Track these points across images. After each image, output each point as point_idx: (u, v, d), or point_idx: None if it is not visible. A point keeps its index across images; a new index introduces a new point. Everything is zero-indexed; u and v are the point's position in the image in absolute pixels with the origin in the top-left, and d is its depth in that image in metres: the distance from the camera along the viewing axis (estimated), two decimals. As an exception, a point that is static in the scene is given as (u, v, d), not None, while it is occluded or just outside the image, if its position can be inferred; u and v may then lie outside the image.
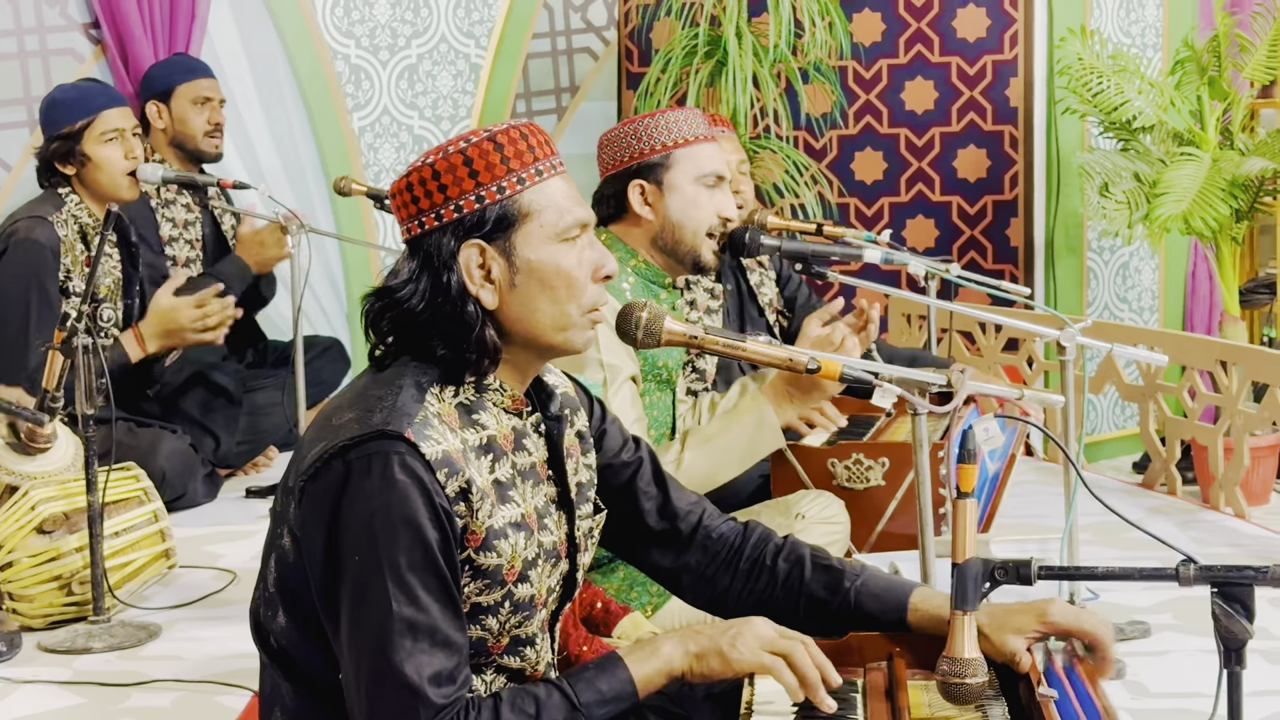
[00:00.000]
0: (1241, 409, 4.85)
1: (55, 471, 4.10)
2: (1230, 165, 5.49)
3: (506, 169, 2.14)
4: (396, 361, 2.17)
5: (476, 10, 6.43)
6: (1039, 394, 3.04)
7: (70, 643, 3.82)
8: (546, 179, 2.17)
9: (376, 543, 2.02)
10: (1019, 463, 5.59)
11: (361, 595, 2.03)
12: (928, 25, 6.17)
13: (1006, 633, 2.17)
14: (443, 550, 2.04)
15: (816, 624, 2.37)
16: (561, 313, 2.17)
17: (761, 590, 2.42)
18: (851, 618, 2.35)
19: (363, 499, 2.03)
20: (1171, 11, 6.42)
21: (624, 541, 2.48)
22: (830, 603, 2.37)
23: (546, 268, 2.15)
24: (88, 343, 3.82)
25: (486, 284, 2.15)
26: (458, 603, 2.07)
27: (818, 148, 6.28)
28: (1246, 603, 1.93)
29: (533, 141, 2.17)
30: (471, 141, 2.14)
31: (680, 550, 2.45)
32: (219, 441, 5.42)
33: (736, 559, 2.44)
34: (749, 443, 3.37)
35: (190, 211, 5.57)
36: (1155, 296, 6.55)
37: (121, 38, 5.63)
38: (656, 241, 3.45)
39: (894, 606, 2.31)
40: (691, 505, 2.47)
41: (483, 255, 2.14)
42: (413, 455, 2.03)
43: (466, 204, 2.13)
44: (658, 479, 2.46)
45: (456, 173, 2.13)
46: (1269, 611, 3.88)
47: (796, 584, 2.40)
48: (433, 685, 2.01)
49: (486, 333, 2.14)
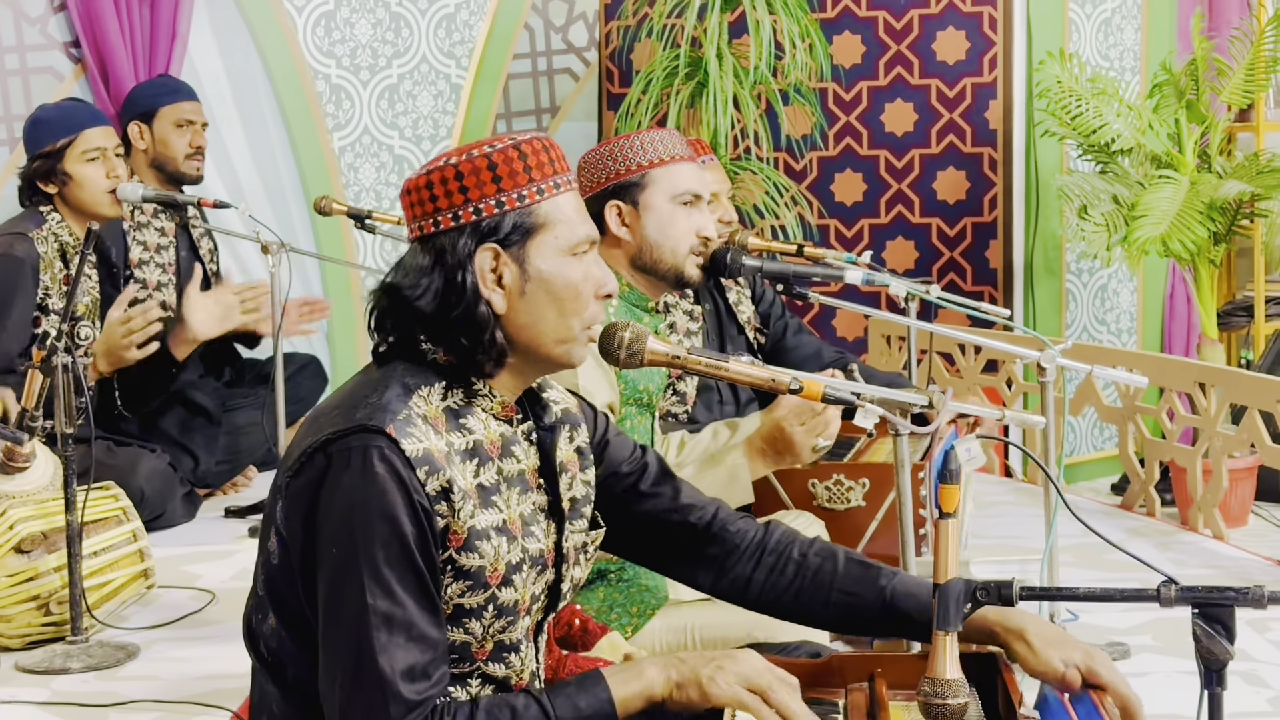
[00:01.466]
0: (1220, 431, 4.87)
1: (34, 491, 4.08)
2: (1208, 188, 5.51)
3: (529, 178, 2.16)
4: (387, 364, 2.19)
5: (457, 31, 6.44)
6: (1019, 415, 3.04)
7: (48, 663, 3.80)
8: (563, 193, 2.20)
9: (354, 536, 2.03)
10: (998, 484, 5.62)
11: (338, 588, 2.04)
12: (907, 48, 6.19)
13: (1054, 651, 2.17)
14: (420, 546, 2.05)
15: (847, 619, 2.38)
16: (565, 325, 2.19)
17: (788, 583, 2.41)
18: (885, 616, 2.34)
19: (341, 491, 2.04)
20: (1150, 35, 6.46)
21: (641, 543, 2.48)
22: (864, 597, 2.36)
23: (556, 279, 2.17)
24: (67, 361, 3.80)
25: (498, 289, 2.16)
26: (435, 600, 2.07)
27: (798, 169, 6.30)
28: (1228, 624, 1.94)
29: (553, 155, 2.20)
30: (496, 147, 2.16)
31: (697, 543, 2.45)
32: (198, 461, 5.41)
33: (759, 552, 2.44)
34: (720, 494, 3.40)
35: (164, 235, 5.55)
36: (1134, 318, 6.57)
37: (102, 56, 5.63)
38: (635, 262, 3.45)
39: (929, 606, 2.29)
40: (706, 502, 2.48)
41: (496, 260, 2.16)
42: (392, 450, 2.04)
43: (486, 208, 2.15)
44: (667, 478, 2.47)
45: (480, 176, 2.15)
46: (1249, 633, 3.89)
47: (829, 578, 2.39)
48: (405, 680, 2.01)
49: (497, 334, 2.16)
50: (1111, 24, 6.38)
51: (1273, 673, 3.68)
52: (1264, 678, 3.65)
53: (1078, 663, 2.17)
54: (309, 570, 2.08)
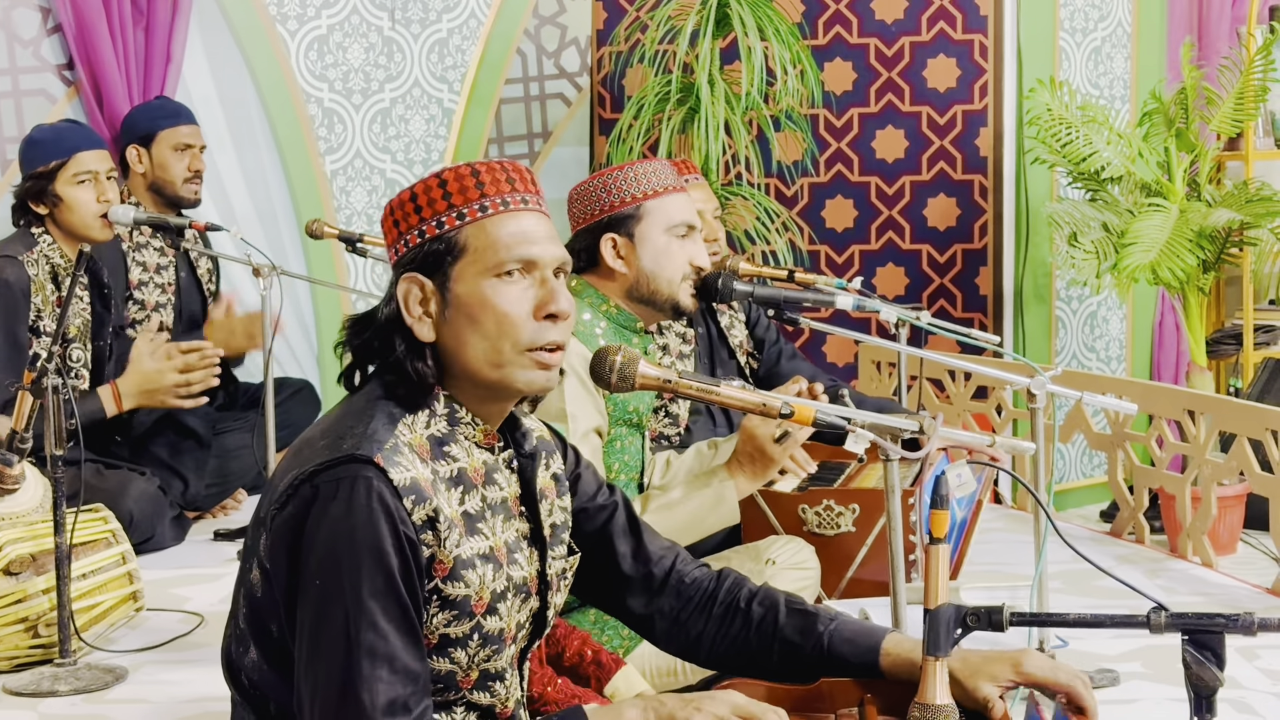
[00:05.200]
0: (1209, 458, 4.88)
1: (23, 513, 4.07)
2: (1197, 216, 5.53)
3: (447, 204, 2.18)
4: (365, 390, 2.20)
5: (450, 55, 6.45)
6: (1010, 441, 3.05)
7: (36, 685, 3.78)
8: (493, 215, 2.18)
9: (339, 567, 2.02)
10: (987, 509, 5.62)
11: (320, 618, 2.03)
12: (898, 75, 6.21)
13: (980, 679, 2.17)
14: (404, 579, 2.04)
15: (790, 669, 2.37)
16: (492, 348, 2.17)
17: (735, 635, 2.42)
18: (825, 662, 2.34)
19: (328, 522, 2.04)
20: (1139, 64, 6.49)
21: (597, 587, 2.48)
22: (804, 647, 2.36)
23: (475, 302, 2.16)
24: (57, 383, 3.80)
25: (425, 317, 2.18)
26: (418, 632, 2.07)
27: (789, 195, 6.31)
28: (1218, 650, 1.94)
29: (485, 178, 2.19)
30: (422, 178, 2.22)
31: (653, 595, 2.45)
32: (188, 484, 5.40)
33: (710, 604, 2.44)
34: (706, 517, 3.40)
35: (164, 256, 5.56)
36: (1123, 346, 6.58)
37: (96, 79, 5.63)
38: (631, 293, 3.45)
39: (866, 650, 2.31)
40: (664, 550, 2.47)
41: (422, 289, 2.18)
42: (381, 480, 2.04)
43: (411, 238, 2.19)
44: (631, 524, 2.47)
45: (405, 209, 2.20)
46: (1238, 661, 3.89)
47: (770, 628, 2.40)
48: (386, 714, 2.00)
49: (413, 363, 2.16)
50: (1101, 52, 6.40)
51: (1262, 700, 3.68)
52: (1253, 706, 3.65)
53: (1006, 677, 2.17)
54: (291, 601, 2.07)
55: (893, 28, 6.21)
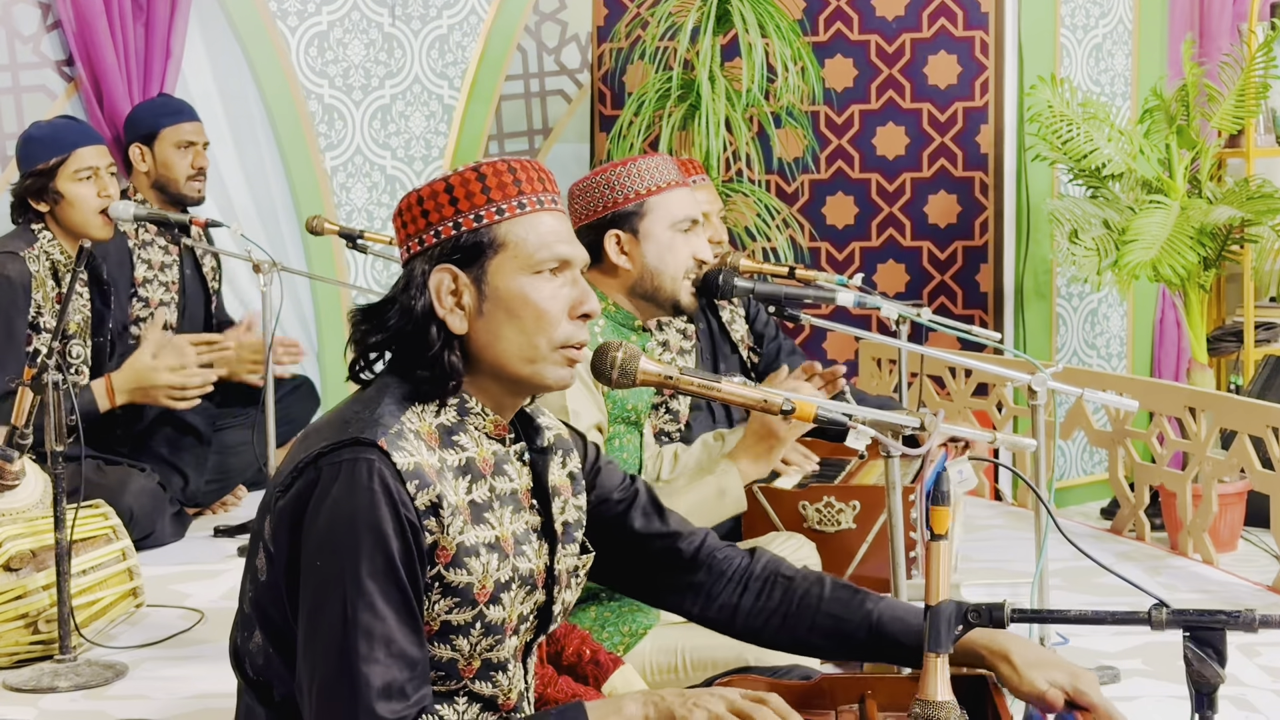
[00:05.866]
0: (1210, 455, 4.88)
1: (23, 509, 4.07)
2: (1198, 213, 5.53)
3: (486, 199, 2.18)
4: (376, 381, 2.20)
5: (450, 52, 6.45)
6: (1011, 438, 3.05)
7: (36, 681, 3.78)
8: (530, 212, 2.19)
9: (339, 547, 2.03)
10: (988, 507, 5.62)
11: (320, 598, 2.04)
12: (899, 71, 6.21)
13: (1037, 672, 2.18)
14: (405, 563, 2.05)
15: (833, 645, 2.38)
16: (529, 344, 2.18)
17: (775, 607, 2.41)
18: (872, 641, 2.35)
19: (330, 503, 2.04)
20: (1141, 61, 6.49)
21: (629, 571, 2.48)
22: (851, 621, 2.36)
23: (514, 297, 2.17)
24: (57, 379, 3.80)
25: (457, 309, 2.18)
26: (417, 617, 2.07)
27: (789, 192, 6.31)
28: (1219, 647, 1.94)
29: (520, 175, 2.20)
30: (458, 170, 2.20)
31: (684, 570, 2.45)
32: (188, 480, 5.40)
33: (746, 577, 2.44)
34: (711, 505, 3.39)
35: (168, 253, 5.55)
36: (1123, 343, 6.58)
37: (96, 75, 5.62)
38: (635, 289, 3.45)
39: (918, 630, 2.23)
40: (693, 531, 2.48)
41: (455, 281, 2.17)
42: (383, 462, 2.05)
43: (445, 230, 2.18)
44: (656, 507, 2.47)
45: (438, 199, 2.18)
46: (1239, 658, 3.89)
47: (815, 602, 2.39)
48: (382, 698, 2.01)
49: (447, 356, 2.16)
50: (1103, 49, 6.40)
51: (1263, 697, 3.68)
52: (1254, 702, 3.65)
53: (1062, 683, 2.18)
54: (293, 582, 2.08)
55: (893, 24, 6.21)
